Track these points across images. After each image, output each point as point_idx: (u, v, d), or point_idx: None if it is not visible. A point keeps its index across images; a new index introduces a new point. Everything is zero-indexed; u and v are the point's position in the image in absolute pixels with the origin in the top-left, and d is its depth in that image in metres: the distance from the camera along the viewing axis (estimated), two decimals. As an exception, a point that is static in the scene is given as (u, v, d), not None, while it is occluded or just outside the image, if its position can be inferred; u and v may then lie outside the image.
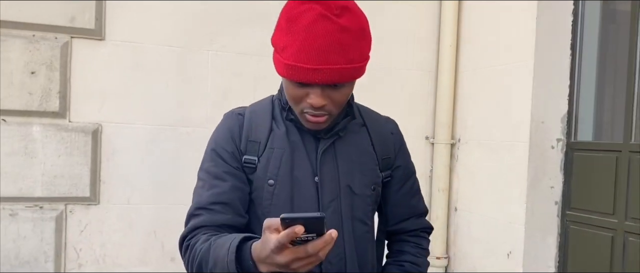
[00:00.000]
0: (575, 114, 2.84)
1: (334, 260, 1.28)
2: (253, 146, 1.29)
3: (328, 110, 1.20)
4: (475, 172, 3.17)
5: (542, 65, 2.80)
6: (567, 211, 2.83)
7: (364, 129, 1.38)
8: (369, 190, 1.33)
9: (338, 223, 1.28)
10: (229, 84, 2.90)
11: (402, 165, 1.43)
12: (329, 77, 1.13)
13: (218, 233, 1.19)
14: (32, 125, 2.61)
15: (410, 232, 1.47)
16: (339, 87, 1.19)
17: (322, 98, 1.17)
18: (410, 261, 1.42)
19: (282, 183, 1.26)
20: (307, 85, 1.17)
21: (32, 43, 2.60)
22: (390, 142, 1.41)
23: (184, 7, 2.83)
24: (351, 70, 1.16)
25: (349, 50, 1.14)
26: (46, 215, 2.64)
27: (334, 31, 1.12)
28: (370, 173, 1.34)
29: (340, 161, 1.30)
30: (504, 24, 2.98)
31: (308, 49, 1.12)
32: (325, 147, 1.29)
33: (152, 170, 2.82)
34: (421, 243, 1.46)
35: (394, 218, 1.45)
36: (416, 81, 3.35)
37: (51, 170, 2.64)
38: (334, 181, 1.28)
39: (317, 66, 1.12)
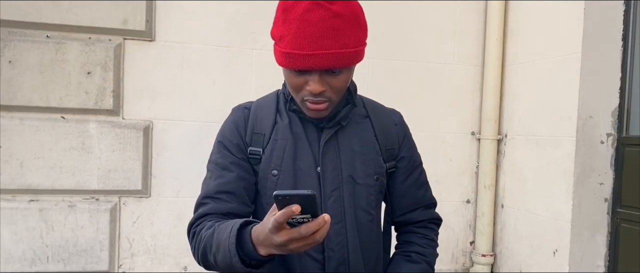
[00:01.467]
0: (626, 108, 2.73)
1: (336, 248, 1.31)
2: (258, 138, 1.33)
3: (327, 96, 1.23)
4: (522, 168, 3.10)
5: (591, 57, 2.70)
6: (617, 208, 2.72)
7: (367, 120, 1.40)
8: (372, 180, 1.35)
9: (340, 212, 1.31)
10: (271, 81, 2.95)
11: (406, 156, 1.45)
12: (323, 62, 1.16)
13: (223, 220, 1.24)
14: (89, 123, 2.78)
15: (417, 223, 1.48)
16: (336, 73, 1.21)
17: (321, 84, 1.20)
18: (417, 251, 1.43)
19: (285, 173, 1.30)
20: (306, 72, 1.20)
21: (88, 45, 2.77)
22: (394, 133, 1.43)
23: (228, 8, 2.93)
24: (345, 54, 1.18)
25: (343, 36, 1.17)
26: (101, 207, 2.81)
27: (327, 17, 1.15)
28: (373, 163, 1.36)
29: (342, 151, 1.33)
30: (551, 16, 2.90)
31: (303, 36, 1.15)
32: (327, 138, 1.32)
33: (200, 165, 2.91)
34: (428, 234, 1.47)
35: (401, 209, 1.46)
36: (462, 76, 3.31)
37: (106, 165, 2.81)
38: (336, 171, 1.31)
39: (312, 52, 1.15)
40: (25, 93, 2.70)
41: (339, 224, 1.31)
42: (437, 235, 1.50)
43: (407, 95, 3.18)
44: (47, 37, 2.72)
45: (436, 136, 3.26)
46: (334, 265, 1.31)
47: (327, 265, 1.30)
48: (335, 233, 1.30)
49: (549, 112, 2.90)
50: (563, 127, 2.79)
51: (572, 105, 2.74)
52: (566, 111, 2.77)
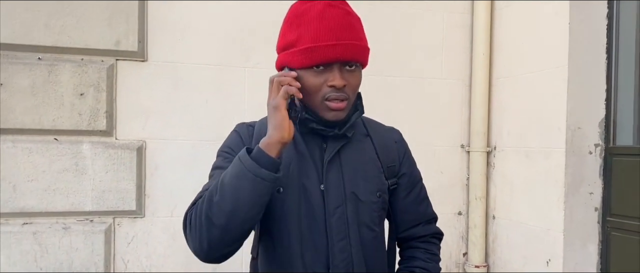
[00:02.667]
0: (613, 119, 2.80)
1: (341, 265, 1.32)
2: None
3: (347, 93, 1.28)
4: (512, 180, 3.15)
5: (577, 70, 2.77)
6: (607, 217, 2.78)
7: (368, 138, 1.43)
8: (375, 196, 1.38)
9: (344, 229, 1.33)
10: (264, 99, 2.98)
11: (407, 172, 1.48)
12: (346, 52, 1.24)
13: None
14: (82, 144, 2.78)
15: (420, 238, 1.50)
16: (353, 70, 1.28)
17: (342, 78, 1.26)
18: (420, 266, 1.45)
19: (291, 191, 1.32)
20: (327, 68, 1.26)
21: (80, 66, 2.77)
22: (394, 150, 1.46)
23: (220, 28, 2.96)
24: (361, 47, 1.27)
25: (357, 30, 1.28)
26: (96, 228, 2.80)
27: (343, 14, 1.26)
28: (375, 180, 1.38)
29: (345, 169, 1.35)
30: (537, 30, 2.97)
31: (322, 30, 1.24)
32: (330, 156, 1.34)
33: (194, 184, 2.91)
34: (431, 249, 1.50)
35: (403, 225, 1.49)
36: (450, 90, 3.36)
37: (100, 186, 2.80)
38: (339, 188, 1.33)
39: (336, 42, 1.23)
40: (17, 115, 2.69)
41: (343, 241, 1.32)
42: (439, 250, 1.53)
43: (397, 109, 3.22)
44: (39, 59, 2.71)
45: (426, 149, 3.30)
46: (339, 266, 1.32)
47: (332, 265, 1.31)
48: (340, 250, 1.32)
49: (537, 124, 2.97)
50: (552, 138, 2.85)
51: (560, 117, 2.80)
52: (555, 123, 2.83)
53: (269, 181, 1.18)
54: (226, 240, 1.20)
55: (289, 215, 1.32)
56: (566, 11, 2.77)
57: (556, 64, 2.83)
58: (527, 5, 3.04)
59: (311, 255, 1.31)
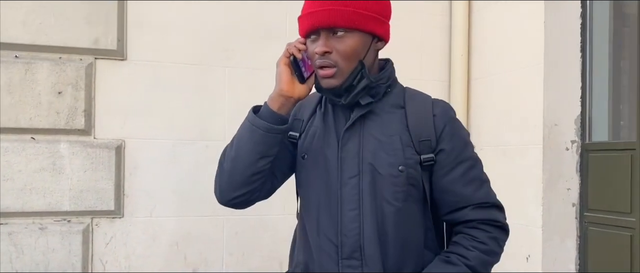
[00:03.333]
0: (588, 115, 2.86)
1: (350, 234, 1.32)
2: (297, 123, 1.44)
3: (334, 60, 1.29)
4: (492, 177, 3.15)
5: (552, 68, 2.83)
6: (585, 212, 2.82)
7: (402, 110, 1.37)
8: (396, 170, 1.32)
9: (357, 200, 1.32)
10: (245, 99, 2.99)
11: (446, 148, 1.36)
12: (323, 17, 1.27)
13: None
14: (60, 143, 2.74)
15: (466, 223, 1.37)
16: (340, 35, 1.29)
17: (324, 45, 1.29)
18: (458, 253, 1.34)
19: (312, 157, 1.38)
20: (316, 37, 1.31)
21: (58, 65, 2.75)
22: (430, 123, 1.36)
23: (200, 27, 2.96)
24: (344, 12, 1.27)
25: None
26: (73, 229, 2.75)
27: None
28: (399, 154, 1.33)
29: (366, 140, 1.34)
30: (513, 31, 3.03)
31: (308, 2, 1.32)
32: (349, 125, 1.34)
33: (173, 184, 2.92)
34: (478, 236, 1.35)
35: (446, 207, 1.39)
36: (430, 91, 3.35)
37: (78, 185, 2.76)
38: (356, 158, 1.33)
39: (312, 10, 1.29)
40: (-7, 114, 2.66)
41: (353, 211, 1.32)
42: (493, 239, 1.37)
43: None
44: (16, 57, 2.69)
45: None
46: (348, 252, 1.32)
47: (342, 252, 1.32)
48: (350, 220, 1.32)
49: (515, 122, 3.01)
50: (529, 135, 2.89)
51: (537, 115, 2.84)
52: (531, 120, 2.88)
53: (262, 130, 1.28)
54: (233, 184, 1.33)
55: (312, 181, 1.38)
56: (541, 12, 2.83)
57: (532, 63, 2.88)
58: (503, 6, 3.10)
59: (326, 221, 1.35)
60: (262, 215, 2.96)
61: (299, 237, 1.46)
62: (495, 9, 3.17)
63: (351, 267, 1.32)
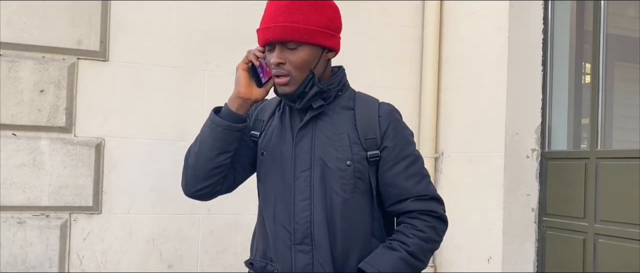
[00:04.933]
0: (548, 125, 3.03)
1: (302, 222, 1.46)
2: (259, 124, 1.58)
3: (287, 70, 1.43)
4: (458, 183, 3.33)
5: (516, 80, 3.00)
6: (543, 217, 2.99)
7: (350, 112, 1.52)
8: (344, 164, 1.46)
9: (308, 190, 1.47)
10: (222, 102, 3.08)
11: (390, 146, 1.48)
12: (275, 33, 1.41)
13: None
14: (41, 139, 2.82)
15: (408, 214, 1.49)
16: (293, 48, 1.43)
17: (278, 57, 1.42)
18: (399, 240, 1.45)
19: (270, 154, 1.53)
20: (272, 49, 1.44)
21: (41, 64, 2.82)
22: (375, 123, 1.49)
23: (181, 31, 3.07)
24: (295, 29, 1.41)
25: (295, 13, 1.42)
26: (52, 223, 2.82)
27: (286, 3, 1.43)
28: (346, 150, 1.47)
29: (317, 138, 1.49)
30: (480, 44, 3.19)
31: (268, 14, 1.45)
32: (302, 124, 1.50)
33: (151, 182, 3.01)
34: (417, 224, 1.46)
35: (390, 199, 1.51)
36: (401, 99, 3.54)
37: (57, 181, 2.83)
38: (308, 154, 1.48)
39: (267, 25, 1.43)
40: (-25, 110, 2.72)
41: (305, 201, 1.47)
42: (430, 227, 1.47)
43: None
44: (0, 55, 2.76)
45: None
46: (300, 238, 1.46)
47: (294, 238, 1.47)
48: (301, 209, 1.47)
49: (480, 130, 3.17)
50: (492, 144, 3.05)
51: (500, 124, 3.01)
52: (495, 129, 3.04)
53: (221, 127, 1.43)
54: (196, 177, 1.49)
55: (269, 175, 1.53)
56: (506, 28, 3.00)
57: (497, 75, 3.04)
58: (472, 21, 3.27)
59: (281, 210, 1.49)
60: (237, 214, 3.07)
61: (258, 227, 1.61)
62: (464, 24, 3.34)
63: (302, 252, 1.46)
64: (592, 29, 2.80)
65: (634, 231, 2.48)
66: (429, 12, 3.51)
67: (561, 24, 3.08)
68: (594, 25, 2.79)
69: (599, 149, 2.70)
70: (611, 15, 2.83)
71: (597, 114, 2.72)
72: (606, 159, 2.66)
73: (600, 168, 2.68)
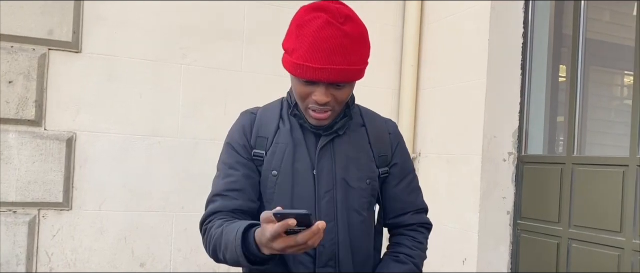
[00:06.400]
0: (525, 129, 3.05)
1: (327, 244, 1.42)
2: (262, 141, 1.46)
3: (331, 106, 1.37)
4: (434, 184, 3.34)
5: (494, 84, 3.00)
6: (518, 220, 3.01)
7: (363, 128, 1.52)
8: (364, 183, 1.48)
9: (333, 212, 1.44)
10: (199, 97, 3.04)
11: (399, 162, 1.56)
12: (332, 76, 1.31)
13: (231, 217, 1.38)
14: (8, 132, 2.71)
15: (408, 226, 1.58)
16: (341, 86, 1.35)
17: (326, 95, 1.34)
18: (405, 253, 1.53)
19: (284, 174, 1.43)
20: (314, 83, 1.34)
21: (10, 54, 2.71)
22: (387, 140, 1.55)
23: (158, 23, 2.98)
24: (352, 71, 1.33)
25: (351, 54, 1.32)
26: (19, 220, 2.73)
27: (339, 36, 1.30)
28: (366, 168, 1.48)
29: (338, 157, 1.46)
30: (460, 46, 3.19)
31: (315, 50, 1.30)
32: (323, 144, 1.45)
33: (124, 178, 2.93)
34: (417, 237, 1.57)
35: (393, 212, 1.57)
36: (380, 98, 3.53)
37: (25, 176, 2.74)
38: (330, 174, 1.44)
39: (323, 66, 1.30)
40: (-61, 100, 2.60)
41: (331, 223, 1.42)
42: (426, 239, 1.61)
43: (330, 114, 3.34)
44: (-34, 44, 2.64)
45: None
46: (325, 260, 1.43)
47: (318, 261, 1.42)
48: (327, 231, 1.40)
49: (457, 132, 3.17)
50: (470, 146, 3.06)
51: (478, 127, 3.01)
52: (473, 132, 3.04)
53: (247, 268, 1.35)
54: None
55: (282, 196, 1.43)
56: (486, 29, 3.00)
57: (476, 77, 3.04)
58: (452, 21, 3.26)
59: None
60: (212, 212, 3.01)
61: None
62: (445, 24, 3.33)
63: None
64: (571, 33, 2.82)
65: (607, 237, 2.51)
66: (410, 11, 3.49)
67: (541, 28, 3.09)
68: (573, 29, 2.80)
69: (575, 155, 2.73)
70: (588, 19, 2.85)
71: (574, 119, 2.74)
72: (582, 165, 2.69)
73: (576, 173, 2.71)
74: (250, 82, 3.14)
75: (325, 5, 1.33)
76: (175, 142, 3.00)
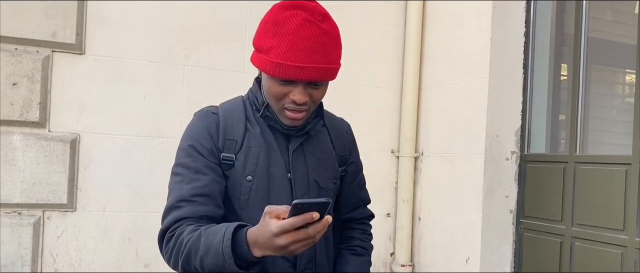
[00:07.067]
0: (528, 128, 3.05)
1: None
2: (230, 144, 1.38)
3: (308, 106, 1.35)
4: (437, 183, 3.35)
5: (497, 83, 3.01)
6: (521, 219, 3.02)
7: (324, 129, 1.53)
8: (332, 183, 1.50)
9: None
10: (202, 98, 3.05)
11: (354, 161, 1.62)
12: (313, 74, 1.28)
13: (201, 224, 1.28)
14: (13, 134, 2.72)
15: (358, 220, 1.66)
16: (319, 85, 1.34)
17: (304, 95, 1.31)
18: (359, 246, 1.61)
19: (260, 179, 1.38)
20: (291, 82, 1.30)
21: (14, 56, 2.73)
22: (346, 140, 1.59)
23: (161, 24, 3.00)
24: (331, 69, 1.32)
25: (330, 52, 1.31)
26: (24, 221, 2.74)
27: (319, 34, 1.28)
28: (332, 169, 1.51)
29: (308, 158, 1.45)
30: (462, 45, 3.19)
31: (296, 49, 1.26)
32: (295, 146, 1.43)
33: (128, 179, 2.94)
34: (366, 229, 1.67)
35: (346, 208, 1.62)
36: (382, 98, 3.54)
37: (30, 178, 2.75)
38: (304, 177, 1.43)
39: (304, 64, 1.26)
40: (-56, 103, 2.61)
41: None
42: (371, 229, 1.70)
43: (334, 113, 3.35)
44: (-30, 46, 2.65)
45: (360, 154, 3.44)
46: (304, 263, 1.42)
47: (298, 264, 1.41)
48: None
49: (460, 131, 3.18)
50: (473, 145, 3.07)
51: (480, 126, 3.02)
52: (475, 131, 3.05)
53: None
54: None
55: (258, 201, 1.36)
56: (488, 29, 3.00)
57: (478, 77, 3.05)
58: (454, 21, 3.26)
59: None
60: (215, 212, 3.02)
61: None
62: (447, 23, 3.33)
63: None
64: (573, 32, 2.82)
65: (610, 235, 2.52)
66: (412, 11, 3.49)
67: (543, 27, 3.09)
68: (575, 28, 2.81)
69: (578, 154, 2.74)
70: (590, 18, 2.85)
71: (577, 118, 2.75)
72: (584, 164, 2.69)
73: (578, 172, 2.71)
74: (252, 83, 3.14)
75: (302, 4, 1.30)
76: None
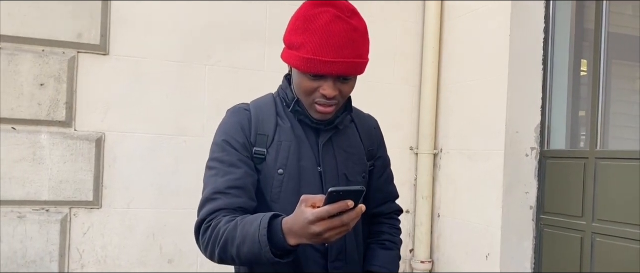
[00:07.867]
0: (547, 124, 3.05)
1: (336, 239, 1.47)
2: (262, 138, 1.44)
3: (337, 100, 1.39)
4: (456, 180, 3.36)
5: (516, 79, 3.01)
6: (541, 215, 3.02)
7: (352, 124, 1.58)
8: (360, 177, 1.53)
9: None
10: (224, 97, 3.10)
11: (382, 155, 1.65)
12: (342, 69, 1.33)
13: (236, 215, 1.33)
14: (40, 133, 2.80)
15: (386, 215, 1.69)
16: (348, 79, 1.38)
17: (334, 89, 1.36)
18: (388, 239, 1.64)
19: (290, 172, 1.43)
20: (321, 77, 1.35)
21: (41, 57, 2.80)
22: (374, 135, 1.62)
23: (182, 24, 3.05)
24: (360, 64, 1.36)
25: (359, 47, 1.35)
26: (52, 218, 2.81)
27: (348, 30, 1.33)
28: (361, 163, 1.54)
29: (338, 152, 1.49)
30: (481, 42, 3.20)
31: (325, 44, 1.31)
32: (325, 140, 1.48)
33: (151, 177, 3.00)
34: (395, 223, 1.70)
35: (374, 202, 1.64)
36: (401, 95, 3.55)
37: (57, 176, 2.82)
38: (334, 170, 1.47)
39: (333, 59, 1.31)
40: (-26, 103, 2.69)
41: None
42: (399, 223, 1.72)
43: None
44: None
45: (378, 150, 3.47)
46: (335, 254, 1.46)
47: (329, 255, 1.45)
48: None
49: (479, 128, 3.18)
50: (492, 141, 3.07)
51: (500, 122, 3.02)
52: (495, 127, 3.05)
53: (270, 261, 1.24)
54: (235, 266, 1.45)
55: (289, 193, 1.42)
56: (507, 25, 3.00)
57: (497, 73, 3.05)
58: (473, 18, 3.27)
59: None
60: (237, 209, 3.07)
61: None
62: (465, 20, 3.34)
63: (337, 268, 1.47)
64: (593, 27, 2.81)
65: (631, 231, 2.51)
66: (430, 7, 3.50)
67: (562, 23, 3.09)
68: (595, 23, 2.80)
69: (598, 149, 2.73)
70: (610, 13, 2.84)
71: (597, 113, 2.74)
72: (605, 159, 2.68)
73: (599, 168, 2.71)
74: (272, 81, 3.16)
75: (331, 2, 1.36)
76: (201, 142, 3.06)
